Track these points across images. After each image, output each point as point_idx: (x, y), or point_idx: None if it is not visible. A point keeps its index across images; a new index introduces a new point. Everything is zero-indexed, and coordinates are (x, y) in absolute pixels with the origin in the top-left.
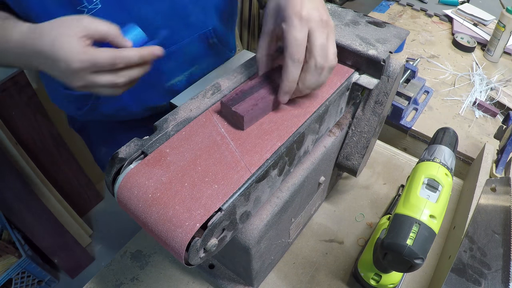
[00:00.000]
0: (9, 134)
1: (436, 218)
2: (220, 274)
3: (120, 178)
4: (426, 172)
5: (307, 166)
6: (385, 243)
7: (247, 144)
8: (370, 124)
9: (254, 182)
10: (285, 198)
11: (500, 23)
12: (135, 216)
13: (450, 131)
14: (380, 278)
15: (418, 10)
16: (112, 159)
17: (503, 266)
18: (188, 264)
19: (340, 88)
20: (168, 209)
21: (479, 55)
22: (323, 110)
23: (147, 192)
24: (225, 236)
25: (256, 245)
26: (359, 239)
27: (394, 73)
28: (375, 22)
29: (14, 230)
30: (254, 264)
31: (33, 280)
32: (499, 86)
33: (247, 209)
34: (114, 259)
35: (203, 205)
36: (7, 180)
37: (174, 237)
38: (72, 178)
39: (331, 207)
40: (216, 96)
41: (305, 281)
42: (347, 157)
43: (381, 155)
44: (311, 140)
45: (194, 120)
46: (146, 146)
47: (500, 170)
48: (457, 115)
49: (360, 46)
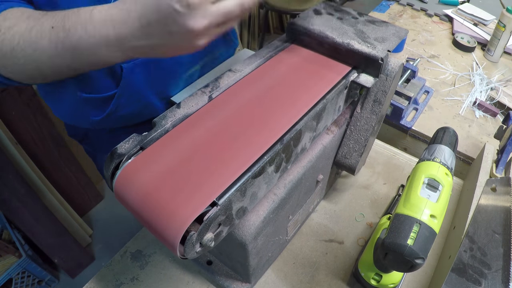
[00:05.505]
0: (9, 134)
1: (437, 217)
2: (218, 270)
3: (118, 173)
4: (426, 172)
5: (304, 163)
6: (386, 243)
7: (243, 139)
8: (369, 122)
9: (251, 178)
10: (282, 194)
11: (500, 23)
12: (132, 210)
13: (450, 130)
14: (381, 278)
15: (418, 10)
16: (111, 154)
17: (503, 266)
18: (184, 258)
19: (337, 85)
20: (163, 203)
21: (479, 55)
22: (320, 107)
23: (143, 186)
24: (221, 231)
25: (253, 241)
26: (359, 239)
27: (392, 72)
28: (374, 21)
29: (14, 230)
30: (251, 261)
31: (33, 280)
32: (499, 86)
33: (244, 204)
34: (114, 259)
35: (198, 198)
36: (7, 180)
37: (169, 230)
38: (72, 178)
39: (331, 207)
40: (215, 93)
41: (305, 281)
42: (346, 155)
43: (381, 155)
44: (309, 138)
45: (192, 116)
46: (145, 141)
47: (500, 170)
48: (457, 115)
49: (359, 45)
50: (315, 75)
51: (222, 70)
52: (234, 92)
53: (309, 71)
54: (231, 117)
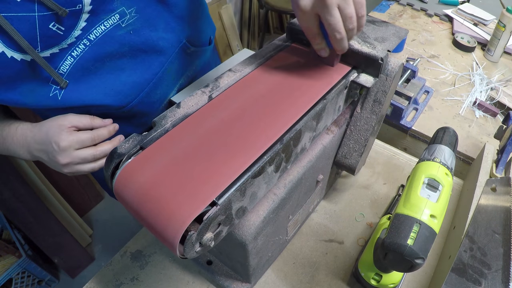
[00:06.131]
0: None
1: (437, 217)
2: (218, 270)
3: (118, 173)
4: (427, 171)
5: (304, 163)
6: (386, 243)
7: (243, 139)
8: (369, 122)
9: (250, 178)
10: (282, 194)
11: (500, 23)
12: (132, 209)
13: (450, 130)
14: (381, 278)
15: (418, 10)
16: (111, 154)
17: (503, 266)
18: (184, 258)
19: (337, 85)
20: (163, 203)
21: (479, 55)
22: (320, 107)
23: (143, 186)
24: (221, 231)
25: (253, 241)
26: (359, 239)
27: (392, 71)
28: (374, 21)
29: (14, 230)
30: (251, 260)
31: (33, 280)
32: (499, 86)
33: (243, 204)
34: (114, 259)
35: (197, 198)
36: (7, 180)
37: (168, 230)
38: (72, 178)
39: (331, 207)
40: (215, 93)
41: (305, 281)
42: (346, 155)
43: (381, 155)
44: (308, 138)
45: (192, 116)
46: (145, 141)
47: (500, 170)
48: (457, 115)
49: (359, 45)
50: (315, 75)
51: (222, 70)
52: (234, 92)
53: (309, 71)
54: (230, 117)
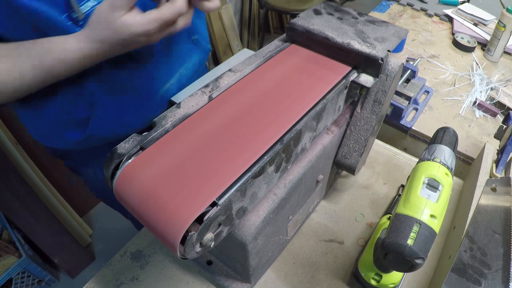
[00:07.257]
0: (9, 134)
1: (437, 217)
2: (218, 270)
3: (118, 173)
4: (426, 171)
5: (304, 163)
6: (386, 243)
7: (243, 139)
8: (369, 122)
9: (251, 178)
10: (282, 194)
11: (500, 23)
12: (132, 210)
13: (450, 130)
14: (381, 278)
15: (418, 10)
16: (111, 154)
17: (503, 266)
18: (185, 258)
19: (337, 85)
20: (163, 203)
21: (479, 55)
22: (320, 107)
23: (143, 186)
24: (221, 231)
25: (253, 241)
26: (359, 239)
27: (392, 72)
28: (374, 21)
29: (14, 230)
30: (251, 261)
31: (33, 280)
32: (499, 86)
33: (244, 204)
34: (114, 259)
35: (198, 198)
36: (7, 180)
37: (169, 230)
38: (72, 178)
39: (331, 207)
40: (215, 93)
41: (305, 281)
42: (346, 155)
43: (381, 155)
44: (309, 138)
45: (192, 116)
46: (145, 141)
47: (500, 170)
48: (457, 115)
49: (359, 45)
50: (315, 75)
51: (222, 70)
52: (234, 92)
53: (309, 71)
54: (231, 117)
